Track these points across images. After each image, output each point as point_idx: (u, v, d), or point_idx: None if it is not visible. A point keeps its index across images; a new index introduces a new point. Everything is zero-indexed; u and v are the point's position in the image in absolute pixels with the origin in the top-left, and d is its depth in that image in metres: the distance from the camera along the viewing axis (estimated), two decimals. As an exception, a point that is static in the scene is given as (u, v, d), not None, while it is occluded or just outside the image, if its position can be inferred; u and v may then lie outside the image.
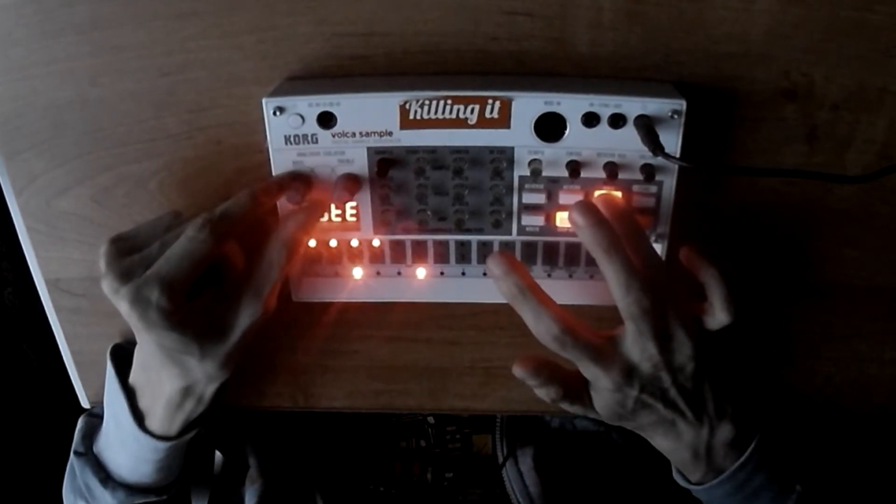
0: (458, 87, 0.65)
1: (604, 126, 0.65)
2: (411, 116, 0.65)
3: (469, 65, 0.68)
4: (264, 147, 0.68)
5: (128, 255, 0.64)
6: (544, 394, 0.68)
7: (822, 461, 0.73)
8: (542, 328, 0.63)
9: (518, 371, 0.67)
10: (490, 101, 0.65)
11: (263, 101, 0.65)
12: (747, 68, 0.67)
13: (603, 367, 0.64)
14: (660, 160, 0.64)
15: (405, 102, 0.65)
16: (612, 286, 0.62)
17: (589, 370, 0.65)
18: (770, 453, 0.68)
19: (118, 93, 0.70)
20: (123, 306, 0.62)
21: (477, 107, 0.65)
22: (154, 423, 0.73)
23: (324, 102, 0.65)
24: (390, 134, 0.66)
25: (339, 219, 0.71)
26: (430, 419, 0.98)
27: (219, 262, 0.69)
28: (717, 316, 0.66)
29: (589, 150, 0.66)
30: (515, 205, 0.69)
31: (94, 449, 0.79)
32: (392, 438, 0.99)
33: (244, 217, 0.65)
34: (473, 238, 0.71)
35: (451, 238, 0.72)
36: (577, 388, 0.68)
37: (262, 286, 0.67)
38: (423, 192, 0.69)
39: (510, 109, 0.65)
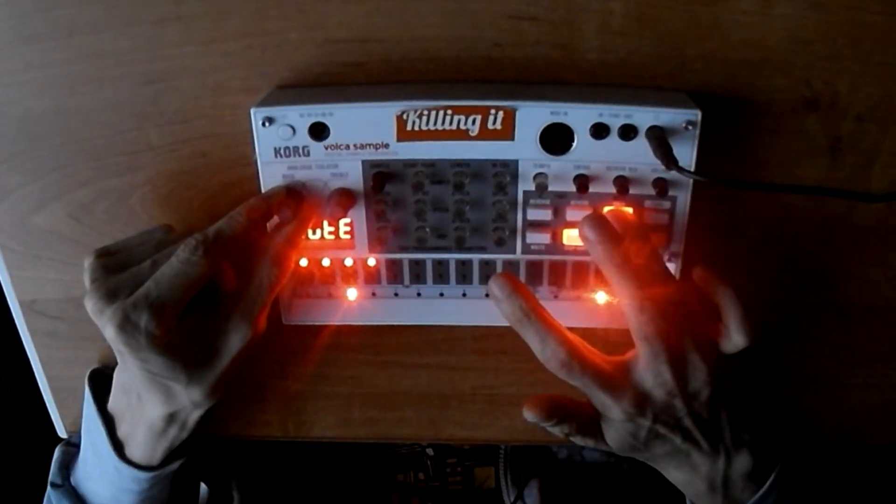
0: (458, 96, 0.64)
1: (613, 138, 0.64)
2: (409, 127, 0.65)
3: (470, 73, 0.68)
4: (253, 160, 0.67)
5: (115, 272, 0.63)
6: (557, 431, 0.67)
7: (845, 495, 0.73)
8: (548, 353, 0.62)
9: (529, 415, 0.66)
10: (493, 111, 0.64)
11: (252, 111, 0.65)
12: (766, 76, 0.66)
13: (613, 395, 0.63)
14: (673, 174, 0.63)
15: (402, 113, 0.64)
16: (625, 305, 0.62)
17: (598, 399, 0.64)
18: (791, 486, 0.67)
19: (98, 102, 0.70)
20: (109, 329, 0.61)
21: (479, 117, 0.64)
22: (135, 451, 0.72)
23: (316, 112, 0.65)
24: (386, 146, 0.66)
25: (332, 236, 0.70)
26: (430, 450, 0.98)
27: (209, 283, 0.68)
28: (733, 338, 0.65)
29: (598, 163, 0.66)
30: (520, 221, 0.69)
31: (72, 480, 0.78)
32: (388, 471, 0.98)
33: (238, 237, 0.65)
34: (475, 257, 0.71)
35: (452, 257, 0.71)
36: (589, 422, 0.67)
37: (252, 307, 0.66)
38: (421, 208, 0.68)
39: (514, 120, 0.64)
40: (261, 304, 0.66)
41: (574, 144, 0.65)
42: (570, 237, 0.69)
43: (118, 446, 0.72)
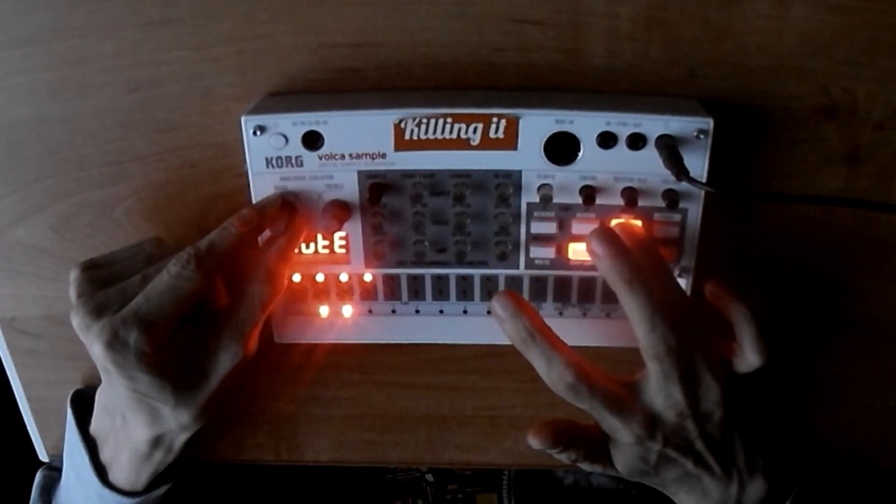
0: (459, 103, 0.64)
1: (621, 147, 0.64)
2: (407, 136, 0.64)
3: (472, 79, 0.68)
4: (243, 170, 0.67)
5: (103, 286, 0.63)
6: (563, 458, 0.66)
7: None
8: (554, 376, 0.62)
9: (533, 442, 0.66)
10: (495, 119, 0.63)
11: (242, 119, 0.64)
12: (781, 83, 0.66)
13: (622, 418, 0.63)
14: (684, 185, 0.63)
15: (400, 121, 0.64)
16: (634, 323, 0.61)
17: (607, 422, 0.64)
18: (807, 513, 0.67)
19: (81, 110, 0.69)
20: (96, 347, 0.60)
21: (480, 126, 0.64)
22: (119, 476, 0.71)
23: (309, 121, 0.64)
24: (384, 156, 0.65)
25: (326, 250, 0.70)
26: (429, 476, 0.97)
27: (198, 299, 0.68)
28: (747, 357, 0.65)
29: (605, 173, 0.65)
30: (523, 235, 0.68)
31: (53, 506, 0.77)
32: (385, 498, 0.98)
33: (232, 250, 0.64)
34: (476, 272, 0.70)
35: (452, 272, 0.71)
36: (597, 446, 0.66)
37: (243, 326, 0.65)
38: (420, 221, 0.68)
39: (517, 129, 0.64)
40: (252, 323, 0.65)
41: (580, 154, 0.64)
42: (576, 251, 0.68)
43: (101, 470, 0.71)
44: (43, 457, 0.85)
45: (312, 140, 0.65)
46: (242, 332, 0.65)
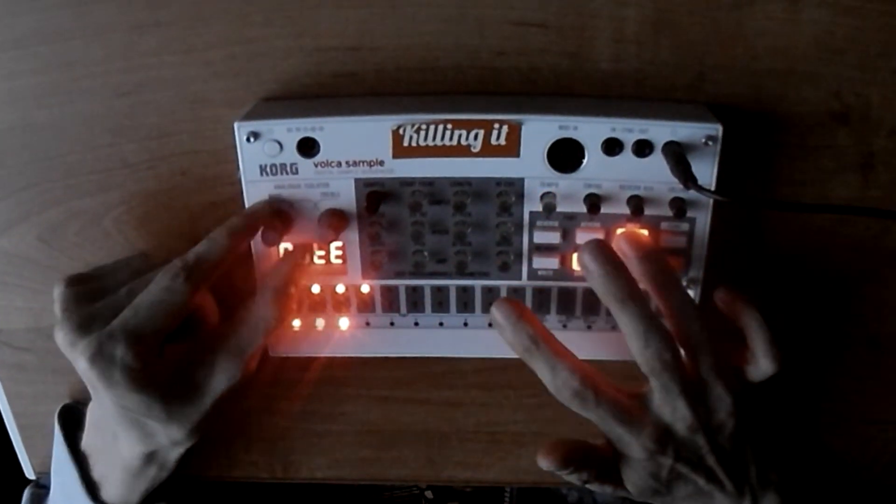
0: (459, 109, 0.64)
1: (627, 154, 0.63)
2: (405, 143, 0.64)
3: (472, 84, 0.67)
4: (236, 178, 0.66)
5: (89, 301, 0.62)
6: (574, 479, 0.66)
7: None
8: (559, 383, 0.61)
9: (543, 463, 0.65)
10: (496, 125, 0.63)
11: (235, 125, 0.64)
12: (793, 88, 0.65)
13: (632, 429, 0.62)
14: (692, 194, 0.63)
15: (398, 127, 0.63)
16: (628, 338, 0.61)
17: (616, 433, 0.63)
18: (821, 531, 0.66)
19: (68, 116, 0.69)
20: (81, 363, 0.60)
21: (481, 132, 0.63)
22: (111, 492, 0.70)
23: (305, 127, 0.64)
24: (381, 163, 0.65)
25: (322, 261, 0.69)
26: (428, 493, 0.97)
27: (192, 314, 0.67)
28: (760, 364, 0.64)
29: (610, 181, 0.65)
30: (525, 245, 0.68)
31: (41, 525, 0.77)
32: (384, 515, 0.97)
33: (222, 261, 0.64)
34: (477, 283, 0.70)
35: (452, 283, 0.70)
36: (608, 466, 0.66)
37: (246, 347, 0.65)
38: (419, 231, 0.68)
39: (519, 135, 0.63)
40: (255, 344, 0.65)
41: (584, 161, 0.64)
42: (581, 262, 0.68)
43: (92, 487, 0.71)
44: (30, 474, 0.85)
45: (308, 147, 0.64)
46: (243, 353, 0.65)
